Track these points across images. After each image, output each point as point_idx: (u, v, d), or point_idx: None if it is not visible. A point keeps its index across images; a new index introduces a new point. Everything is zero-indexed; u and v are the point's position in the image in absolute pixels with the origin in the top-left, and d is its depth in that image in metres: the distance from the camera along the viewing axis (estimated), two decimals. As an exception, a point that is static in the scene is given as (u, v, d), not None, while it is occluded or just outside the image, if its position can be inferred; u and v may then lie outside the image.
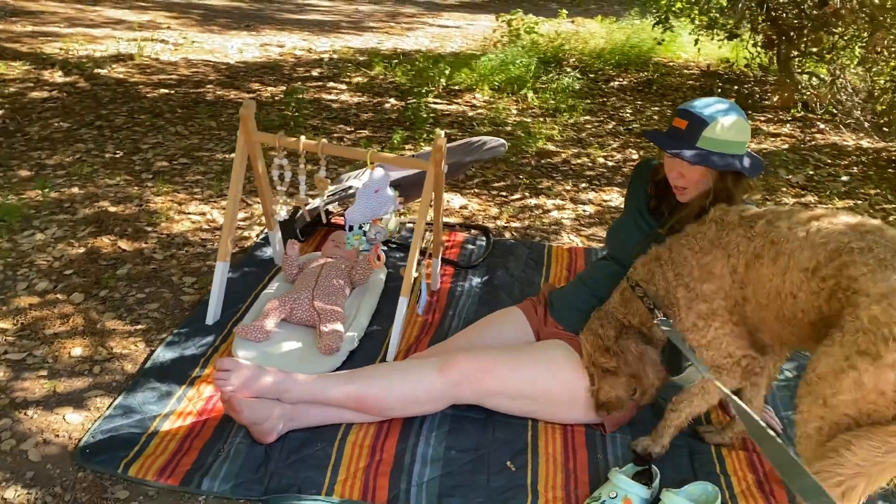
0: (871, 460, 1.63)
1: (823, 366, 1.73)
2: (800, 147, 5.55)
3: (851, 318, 1.71)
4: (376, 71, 6.85)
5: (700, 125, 2.21)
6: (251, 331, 2.63)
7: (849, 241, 1.81)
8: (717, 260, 2.06)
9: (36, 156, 4.24)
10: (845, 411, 1.69)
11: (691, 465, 2.31)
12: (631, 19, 9.10)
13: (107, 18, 8.30)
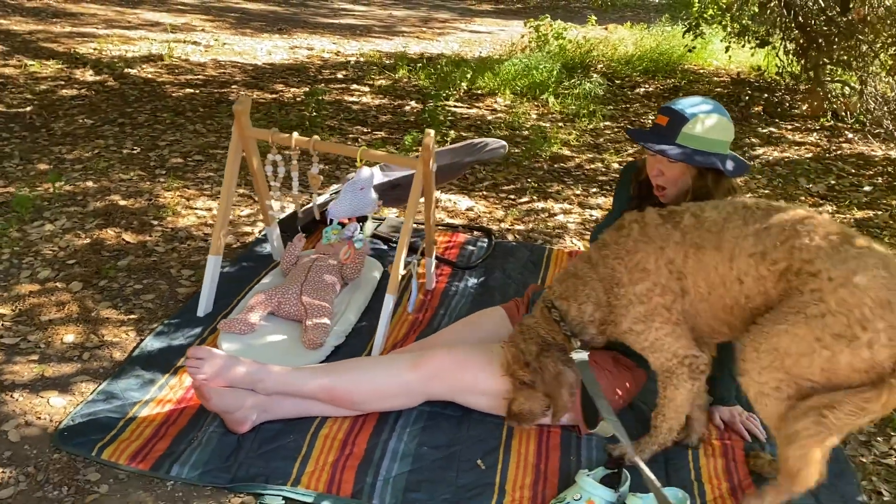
0: (849, 423, 1.78)
1: (787, 343, 1.80)
2: (824, 156, 5.43)
3: (814, 300, 1.78)
4: (400, 74, 6.89)
5: (681, 122, 2.21)
6: (235, 324, 2.66)
7: (792, 225, 1.87)
8: (649, 255, 2.04)
9: (56, 150, 4.37)
10: (812, 379, 1.81)
11: (665, 470, 2.27)
12: (662, 26, 9.00)
13: (144, 21, 8.52)
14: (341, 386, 2.29)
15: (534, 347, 2.17)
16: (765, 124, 6.17)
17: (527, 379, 2.18)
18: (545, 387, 2.17)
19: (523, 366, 2.17)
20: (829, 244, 1.83)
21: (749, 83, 7.43)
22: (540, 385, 2.17)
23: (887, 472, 2.34)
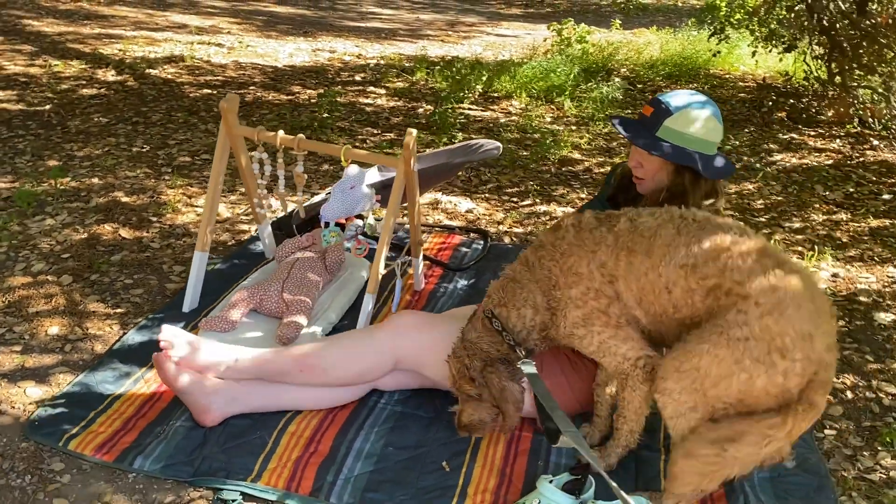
0: (752, 454, 1.79)
1: (708, 364, 1.79)
2: (845, 163, 5.28)
3: (739, 323, 1.76)
4: (418, 77, 6.90)
5: (664, 114, 2.19)
6: (216, 322, 2.68)
7: (728, 243, 1.86)
8: (582, 259, 2.00)
9: (68, 147, 4.46)
10: (726, 401, 1.81)
11: (636, 474, 2.22)
12: (688, 30, 8.87)
13: (172, 23, 8.66)
14: (312, 352, 2.31)
15: (478, 363, 2.11)
16: (786, 130, 6.03)
17: (472, 393, 2.14)
18: (492, 399, 2.12)
19: (468, 381, 2.13)
20: (761, 268, 1.82)
21: (775, 89, 7.28)
22: (487, 398, 2.13)
23: (869, 487, 2.25)
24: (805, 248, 3.88)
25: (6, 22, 7.70)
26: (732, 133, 5.82)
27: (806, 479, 2.24)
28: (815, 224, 4.22)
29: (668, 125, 2.18)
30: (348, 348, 2.35)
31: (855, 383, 2.78)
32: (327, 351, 2.33)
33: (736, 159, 5.26)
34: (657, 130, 2.19)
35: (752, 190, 4.70)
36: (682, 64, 7.84)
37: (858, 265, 3.75)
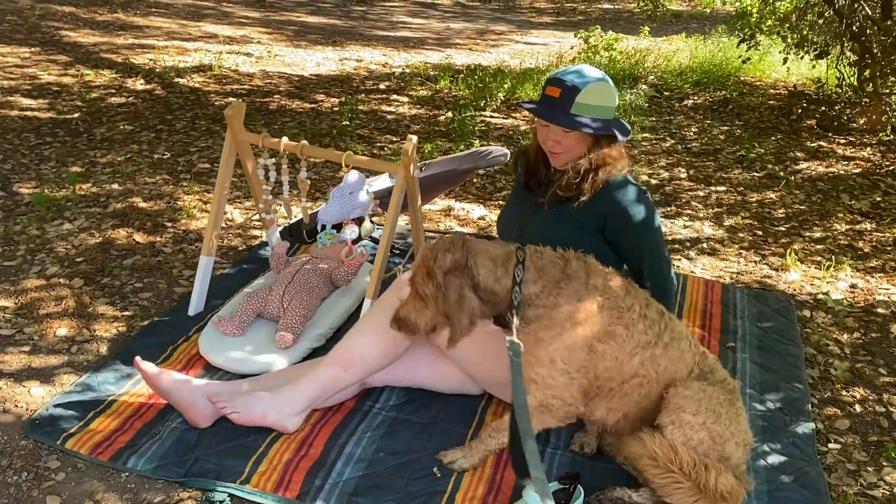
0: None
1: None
2: (873, 172, 5.15)
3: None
4: (441, 85, 6.92)
5: (573, 91, 2.25)
6: (227, 324, 2.71)
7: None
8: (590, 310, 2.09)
9: (92, 154, 4.57)
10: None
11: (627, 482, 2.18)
12: (718, 37, 8.75)
13: (204, 33, 8.84)
14: (342, 348, 2.35)
15: (448, 262, 2.02)
16: (815, 138, 5.91)
17: (422, 291, 2.05)
18: (444, 306, 2.03)
19: (426, 275, 2.04)
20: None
21: (806, 96, 7.13)
22: (439, 303, 2.03)
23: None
24: (824, 257, 3.79)
25: (44, 33, 7.93)
26: (758, 141, 5.73)
27: (803, 496, 2.18)
28: (836, 234, 4.13)
29: (579, 101, 2.25)
30: (369, 331, 2.36)
31: (865, 396, 2.70)
32: (352, 340, 2.36)
33: (760, 167, 5.17)
34: (571, 108, 2.26)
35: (773, 199, 4.62)
36: (712, 71, 7.74)
37: (879, 276, 3.65)
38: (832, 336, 3.10)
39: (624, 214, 2.35)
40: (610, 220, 2.36)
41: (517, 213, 2.54)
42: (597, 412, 2.16)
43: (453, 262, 2.03)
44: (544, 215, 2.44)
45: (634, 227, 2.38)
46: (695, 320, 3.11)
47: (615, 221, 2.36)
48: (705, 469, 1.94)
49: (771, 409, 2.58)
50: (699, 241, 3.95)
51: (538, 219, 2.46)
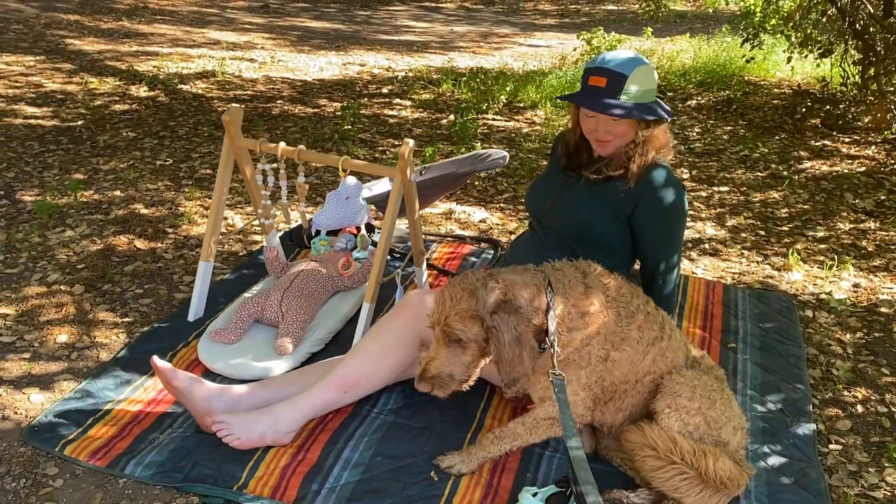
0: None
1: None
2: (878, 170, 5.12)
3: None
4: (444, 88, 6.93)
5: (620, 80, 2.27)
6: (223, 334, 2.72)
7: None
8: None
9: (94, 161, 4.59)
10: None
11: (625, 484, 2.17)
12: (722, 37, 8.72)
13: (208, 39, 8.87)
14: (344, 370, 2.32)
15: (493, 299, 1.90)
16: (819, 137, 5.88)
17: (465, 336, 1.91)
18: (499, 350, 1.88)
19: (468, 318, 1.89)
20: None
21: (811, 95, 7.10)
22: (491, 347, 1.90)
23: (870, 505, 2.17)
24: (827, 257, 3.77)
25: (49, 42, 7.98)
26: (762, 140, 5.71)
27: (803, 497, 2.17)
28: (840, 233, 4.10)
29: (628, 88, 2.26)
30: (374, 353, 2.34)
31: (867, 397, 2.68)
32: (357, 362, 2.33)
33: (763, 167, 5.15)
34: (620, 95, 2.27)
35: (777, 198, 4.59)
36: (715, 71, 7.71)
37: (883, 275, 3.62)
38: (834, 336, 3.08)
39: (657, 202, 2.38)
40: (643, 204, 2.38)
41: (551, 187, 2.56)
42: (607, 415, 2.18)
43: (498, 299, 1.92)
44: (580, 191, 2.48)
45: (663, 217, 2.41)
46: (696, 321, 3.10)
47: (647, 207, 2.38)
48: (704, 455, 1.95)
49: (772, 411, 2.57)
50: (701, 242, 3.93)
51: (573, 194, 2.50)
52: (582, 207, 2.47)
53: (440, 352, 1.97)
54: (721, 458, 1.97)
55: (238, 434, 2.19)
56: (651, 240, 2.46)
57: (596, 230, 2.46)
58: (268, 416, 2.24)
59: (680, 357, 2.15)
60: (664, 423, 2.04)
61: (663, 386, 2.07)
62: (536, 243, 2.61)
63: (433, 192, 3.60)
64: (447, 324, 1.91)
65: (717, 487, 1.97)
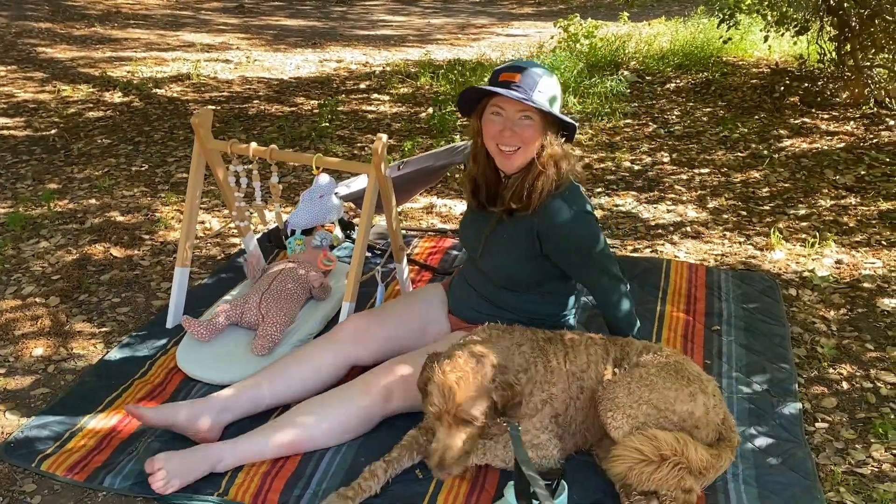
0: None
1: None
2: (857, 146, 5.12)
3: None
4: (422, 81, 6.88)
5: (534, 76, 2.19)
6: (195, 325, 2.67)
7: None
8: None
9: (69, 170, 4.53)
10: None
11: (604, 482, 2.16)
12: (698, 18, 8.71)
13: (182, 42, 8.78)
14: (300, 438, 2.22)
15: (490, 371, 1.96)
16: (798, 115, 5.87)
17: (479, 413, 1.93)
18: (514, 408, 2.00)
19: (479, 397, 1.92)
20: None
21: (789, 73, 7.10)
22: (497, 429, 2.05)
23: (858, 482, 2.16)
24: (809, 235, 3.76)
25: (20, 51, 7.87)
26: (741, 120, 5.70)
27: (791, 478, 2.15)
28: (821, 210, 4.10)
29: (541, 89, 2.18)
30: (340, 422, 2.25)
31: (852, 373, 2.67)
32: (313, 428, 2.23)
33: (743, 147, 5.14)
34: (534, 92, 2.17)
35: (758, 178, 4.59)
36: (693, 53, 7.69)
37: (864, 250, 3.62)
38: (818, 314, 3.07)
39: (559, 236, 2.28)
40: (546, 239, 2.29)
41: (478, 231, 2.46)
42: (578, 439, 2.23)
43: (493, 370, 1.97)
44: (499, 236, 2.38)
45: (572, 248, 2.32)
46: (679, 305, 3.08)
47: (552, 240, 2.29)
48: (686, 443, 1.97)
49: (758, 391, 2.55)
50: (683, 225, 3.92)
51: (494, 240, 2.40)
52: (502, 256, 2.38)
53: (453, 437, 1.94)
54: (699, 447, 1.98)
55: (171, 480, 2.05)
56: (573, 269, 2.38)
57: (521, 275, 2.38)
58: (208, 458, 2.13)
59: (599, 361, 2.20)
60: (614, 427, 2.04)
61: (599, 398, 2.11)
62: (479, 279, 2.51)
63: (412, 187, 3.56)
64: (460, 411, 1.91)
65: (702, 472, 1.98)
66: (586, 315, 3.02)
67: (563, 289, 2.48)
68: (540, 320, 2.42)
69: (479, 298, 2.49)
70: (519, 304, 2.45)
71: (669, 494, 1.97)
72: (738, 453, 2.23)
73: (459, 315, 2.56)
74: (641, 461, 1.96)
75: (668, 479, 1.95)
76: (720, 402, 2.12)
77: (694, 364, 2.20)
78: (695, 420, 2.04)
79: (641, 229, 3.88)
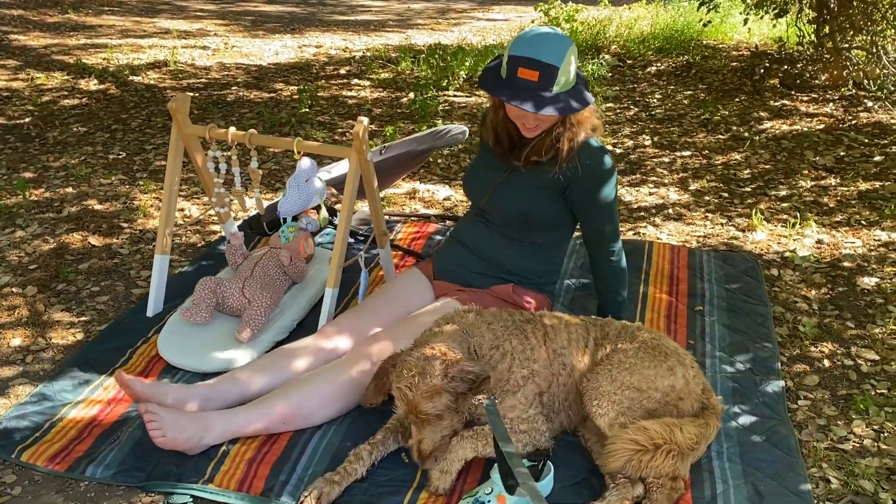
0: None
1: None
2: (836, 127, 5.15)
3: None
4: (402, 66, 6.83)
5: (552, 73, 2.20)
6: (194, 313, 2.65)
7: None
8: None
9: (44, 159, 4.45)
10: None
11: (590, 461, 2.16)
12: (678, 2, 8.71)
13: (159, 29, 8.65)
14: (291, 410, 2.23)
15: (438, 368, 2.00)
16: (778, 97, 5.90)
17: (438, 409, 1.99)
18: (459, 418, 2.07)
19: (433, 395, 1.97)
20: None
21: (769, 56, 7.12)
22: (449, 418, 2.04)
23: (840, 458, 2.18)
24: (790, 215, 3.78)
25: (-7, 38, 7.72)
26: (722, 103, 5.71)
27: (774, 455, 2.17)
28: (801, 191, 4.12)
29: (560, 80, 2.22)
30: (324, 393, 2.27)
31: (833, 351, 2.69)
32: (304, 399, 2.25)
33: (724, 130, 5.16)
34: (552, 88, 2.21)
35: (739, 160, 4.60)
36: (674, 36, 7.69)
37: (844, 230, 3.65)
38: (800, 293, 3.09)
39: (589, 175, 2.38)
40: (575, 178, 2.39)
41: (488, 178, 2.55)
42: (563, 417, 2.24)
43: (444, 365, 1.99)
44: (515, 182, 2.48)
45: (596, 187, 2.41)
46: (661, 286, 3.09)
47: (580, 180, 2.39)
48: (671, 429, 1.99)
49: (741, 371, 2.57)
50: (665, 208, 3.93)
51: (508, 185, 2.50)
52: (519, 197, 2.49)
53: (424, 432, 2.03)
54: (685, 426, 2.00)
55: (165, 431, 2.08)
56: (589, 214, 2.48)
57: (535, 215, 2.48)
58: (199, 423, 2.14)
59: (580, 339, 2.24)
60: (600, 415, 2.06)
61: (583, 389, 2.13)
62: (483, 223, 2.60)
63: (394, 172, 3.54)
64: (419, 411, 1.99)
65: (693, 448, 2.01)
66: (570, 297, 3.02)
67: (561, 241, 2.61)
68: (531, 278, 2.56)
69: (470, 255, 2.58)
70: (514, 259, 2.55)
71: (657, 481, 1.98)
72: (722, 431, 2.25)
73: (445, 277, 2.63)
74: (638, 451, 1.96)
75: (665, 465, 1.97)
76: (698, 373, 2.17)
77: (669, 339, 2.24)
78: (677, 392, 2.07)
79: (624, 212, 3.88)
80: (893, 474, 2.12)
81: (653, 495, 1.97)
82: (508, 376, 2.14)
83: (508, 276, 2.56)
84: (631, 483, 2.01)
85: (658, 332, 2.27)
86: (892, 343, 2.73)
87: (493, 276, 2.57)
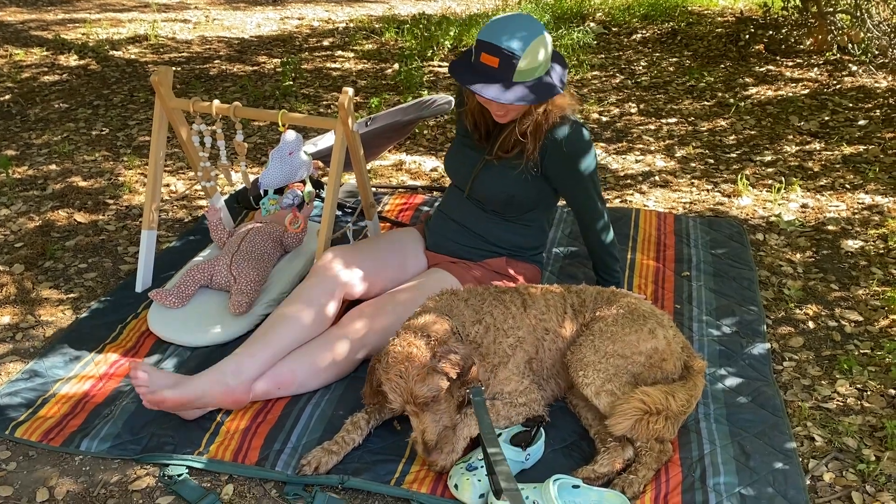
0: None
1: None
2: (821, 92, 5.17)
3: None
4: (387, 37, 6.77)
5: (513, 59, 2.15)
6: (165, 295, 2.65)
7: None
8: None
9: (26, 136, 4.40)
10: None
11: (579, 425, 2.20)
12: (663, -33, 8.64)
13: (138, 2, 8.50)
14: (283, 369, 2.26)
15: (425, 351, 1.98)
16: (763, 63, 5.89)
17: (435, 390, 1.94)
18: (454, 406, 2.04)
19: (425, 377, 1.93)
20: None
21: (753, 21, 7.11)
22: (447, 405, 2.01)
23: (825, 416, 2.22)
24: (775, 180, 3.80)
25: (-32, 14, 7.58)
26: (707, 70, 5.70)
27: (760, 415, 2.21)
28: (786, 156, 4.14)
29: (521, 69, 2.17)
30: (316, 362, 2.29)
31: (817, 313, 2.73)
32: (297, 367, 2.28)
33: (710, 96, 5.16)
34: (513, 77, 2.17)
35: (724, 126, 4.61)
36: (659, 3, 7.65)
37: (829, 194, 3.68)
38: (785, 257, 3.12)
39: (561, 154, 2.38)
40: (548, 157, 2.39)
41: (466, 164, 2.56)
42: (552, 383, 2.27)
43: (431, 346, 1.97)
44: (496, 168, 2.49)
45: (572, 166, 2.41)
46: (649, 253, 3.11)
47: (554, 159, 2.39)
48: (666, 396, 2.02)
49: (727, 334, 2.60)
50: (651, 175, 3.94)
51: (490, 170, 2.50)
52: (500, 182, 2.48)
53: (424, 420, 1.97)
54: (677, 393, 2.04)
55: (153, 388, 2.06)
56: (569, 190, 2.49)
57: (519, 198, 2.49)
58: (191, 385, 2.12)
59: (558, 305, 2.27)
60: (586, 385, 2.08)
61: (569, 362, 2.16)
62: (471, 201, 2.60)
63: (381, 143, 3.53)
64: (415, 396, 1.94)
65: (685, 413, 2.08)
66: (559, 266, 3.04)
67: (547, 217, 2.64)
68: (519, 252, 2.60)
69: (461, 230, 2.60)
70: (501, 234, 2.57)
71: (645, 445, 2.01)
72: (709, 393, 2.29)
73: (438, 250, 2.66)
74: (646, 413, 1.99)
75: (668, 429, 2.01)
76: (677, 332, 2.22)
77: (645, 301, 2.28)
78: (660, 354, 2.11)
79: (611, 180, 3.89)
80: (876, 431, 2.16)
81: (642, 458, 2.01)
82: (496, 348, 2.15)
83: (500, 250, 2.59)
84: (621, 446, 2.04)
85: (633, 295, 2.30)
86: (875, 304, 2.77)
87: (484, 250, 2.60)
